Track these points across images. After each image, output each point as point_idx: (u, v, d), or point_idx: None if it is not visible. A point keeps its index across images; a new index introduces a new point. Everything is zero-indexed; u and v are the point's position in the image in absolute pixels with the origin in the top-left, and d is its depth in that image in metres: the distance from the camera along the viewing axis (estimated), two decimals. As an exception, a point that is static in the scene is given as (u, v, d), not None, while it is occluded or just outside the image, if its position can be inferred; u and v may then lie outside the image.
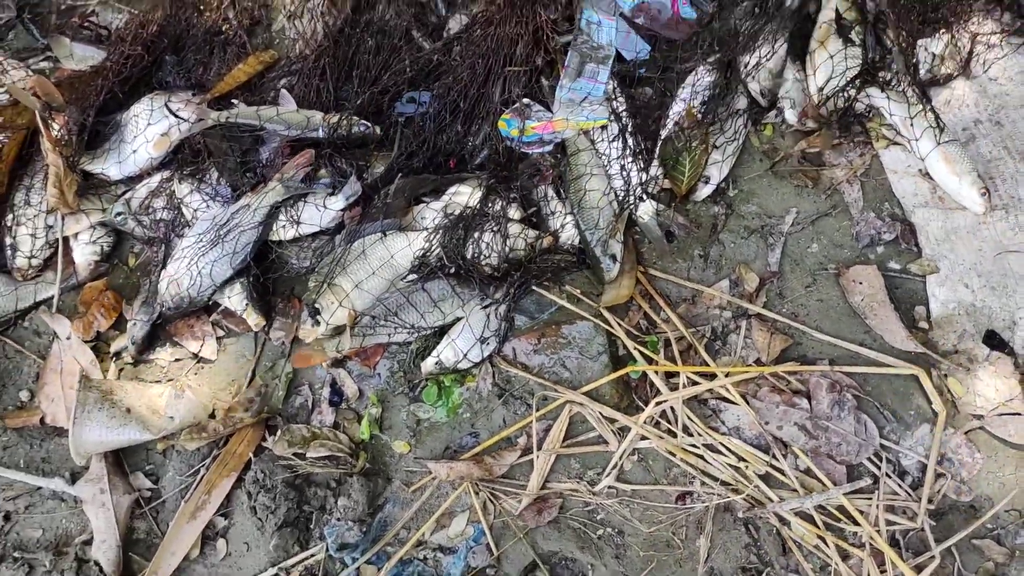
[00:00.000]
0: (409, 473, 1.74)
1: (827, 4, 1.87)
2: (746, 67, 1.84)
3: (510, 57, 1.84)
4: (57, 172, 1.83)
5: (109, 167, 1.92)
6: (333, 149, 1.84)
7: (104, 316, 1.87)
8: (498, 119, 1.84)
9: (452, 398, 1.75)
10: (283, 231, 1.80)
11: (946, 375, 1.64)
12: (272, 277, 1.85)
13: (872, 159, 1.81)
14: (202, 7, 2.06)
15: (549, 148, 1.83)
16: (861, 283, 1.70)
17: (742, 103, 1.83)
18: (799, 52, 1.88)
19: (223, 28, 2.08)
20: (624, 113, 1.83)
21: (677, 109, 1.81)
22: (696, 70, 1.84)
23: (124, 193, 1.93)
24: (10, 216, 1.90)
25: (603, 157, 1.81)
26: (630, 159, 1.80)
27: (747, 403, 1.66)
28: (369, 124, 1.83)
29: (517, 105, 1.83)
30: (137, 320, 1.83)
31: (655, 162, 1.79)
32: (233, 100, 1.89)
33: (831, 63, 1.79)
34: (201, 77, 2.03)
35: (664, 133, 1.80)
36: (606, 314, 1.73)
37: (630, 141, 1.81)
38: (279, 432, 1.74)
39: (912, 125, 1.73)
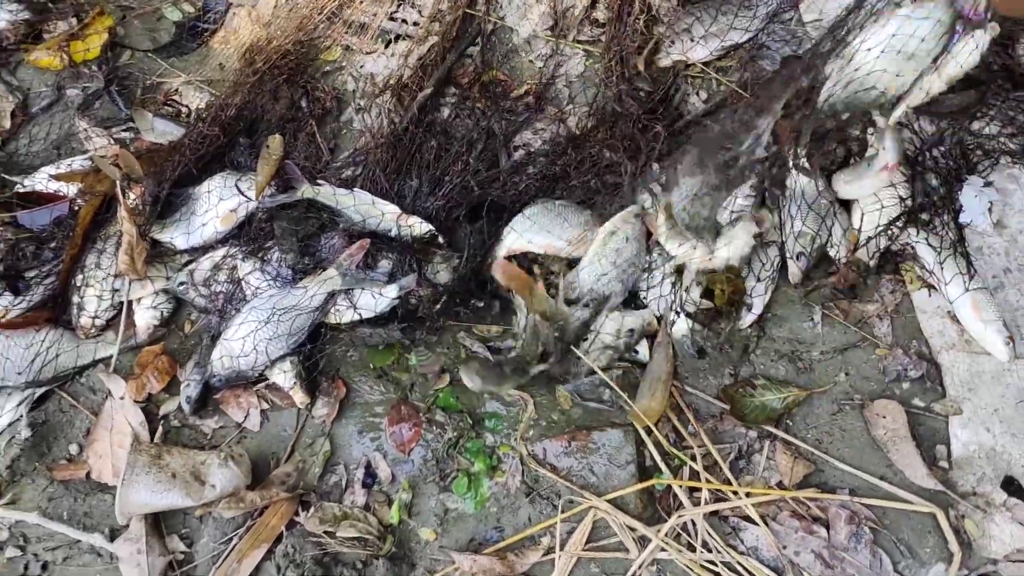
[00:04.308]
0: (433, 561, 1.79)
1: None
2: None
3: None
4: (130, 240, 1.93)
5: (177, 237, 2.02)
6: (400, 246, 1.92)
7: (157, 379, 1.95)
8: None
9: (481, 491, 1.81)
10: (339, 314, 1.88)
11: (963, 516, 1.68)
12: (322, 355, 1.93)
13: (903, 297, 1.88)
14: (278, 95, 2.19)
15: None
16: (885, 417, 1.76)
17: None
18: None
19: (296, 115, 2.21)
20: None
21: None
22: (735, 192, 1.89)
23: (188, 263, 2.03)
24: (80, 277, 1.99)
25: None
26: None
27: (767, 525, 1.71)
28: (433, 228, 1.90)
29: None
30: (190, 380, 1.91)
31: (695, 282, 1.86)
32: (319, 180, 1.98)
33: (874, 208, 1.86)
34: (270, 160, 2.15)
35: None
36: (642, 430, 1.79)
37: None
38: (312, 508, 1.80)
39: (943, 269, 1.80)
